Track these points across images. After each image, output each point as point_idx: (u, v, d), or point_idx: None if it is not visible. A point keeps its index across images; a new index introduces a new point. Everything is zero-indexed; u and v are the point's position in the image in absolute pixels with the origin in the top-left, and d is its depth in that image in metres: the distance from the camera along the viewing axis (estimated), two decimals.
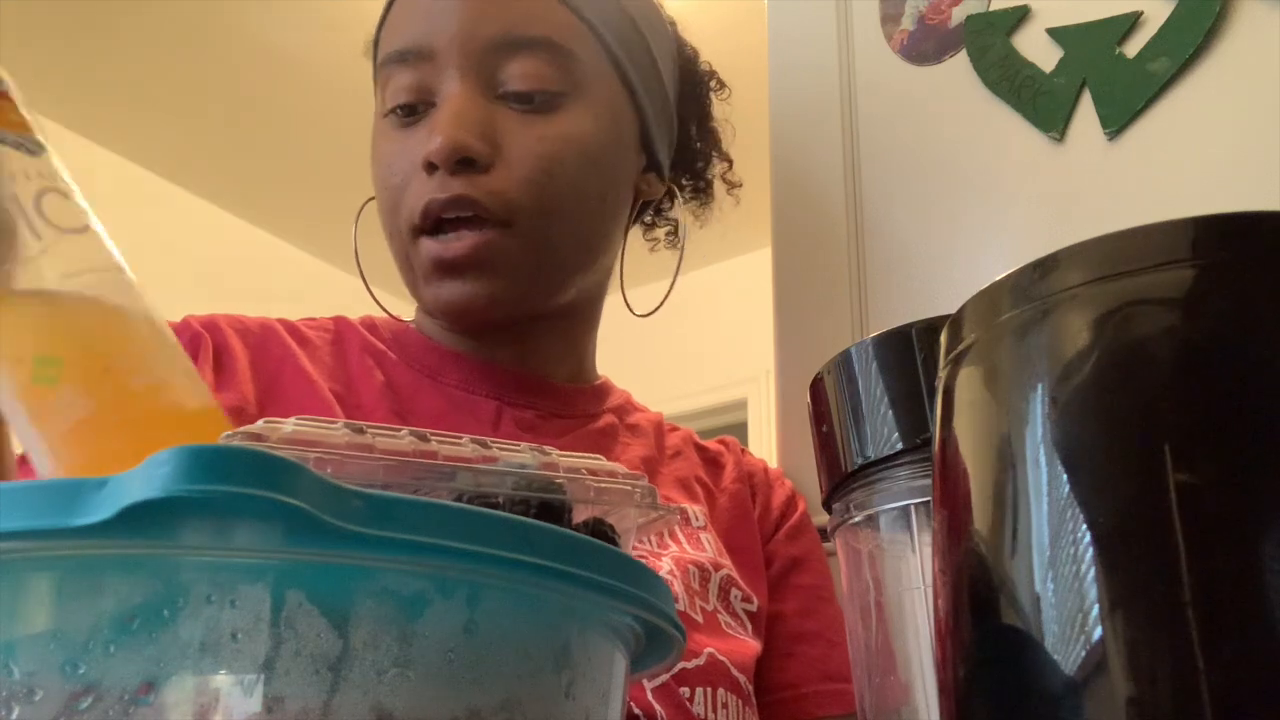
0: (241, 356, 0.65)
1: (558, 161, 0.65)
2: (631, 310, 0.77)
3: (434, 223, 0.64)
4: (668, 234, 0.85)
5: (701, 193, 0.84)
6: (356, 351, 0.70)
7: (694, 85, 0.81)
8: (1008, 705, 0.26)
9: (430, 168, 0.63)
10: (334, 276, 3.55)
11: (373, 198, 0.72)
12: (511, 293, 0.65)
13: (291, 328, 0.70)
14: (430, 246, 0.64)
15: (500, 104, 0.65)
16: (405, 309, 0.76)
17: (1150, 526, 0.24)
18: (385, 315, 0.75)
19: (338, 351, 0.69)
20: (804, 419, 0.45)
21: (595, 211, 0.69)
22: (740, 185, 0.86)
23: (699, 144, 0.83)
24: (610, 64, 0.69)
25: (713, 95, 0.83)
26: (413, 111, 0.66)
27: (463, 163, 0.63)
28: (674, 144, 0.79)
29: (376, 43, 0.71)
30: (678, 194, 0.80)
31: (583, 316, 0.75)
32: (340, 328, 0.72)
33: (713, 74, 0.83)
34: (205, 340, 0.64)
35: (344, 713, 0.22)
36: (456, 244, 0.63)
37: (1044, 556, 0.26)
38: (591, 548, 0.26)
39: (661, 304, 0.76)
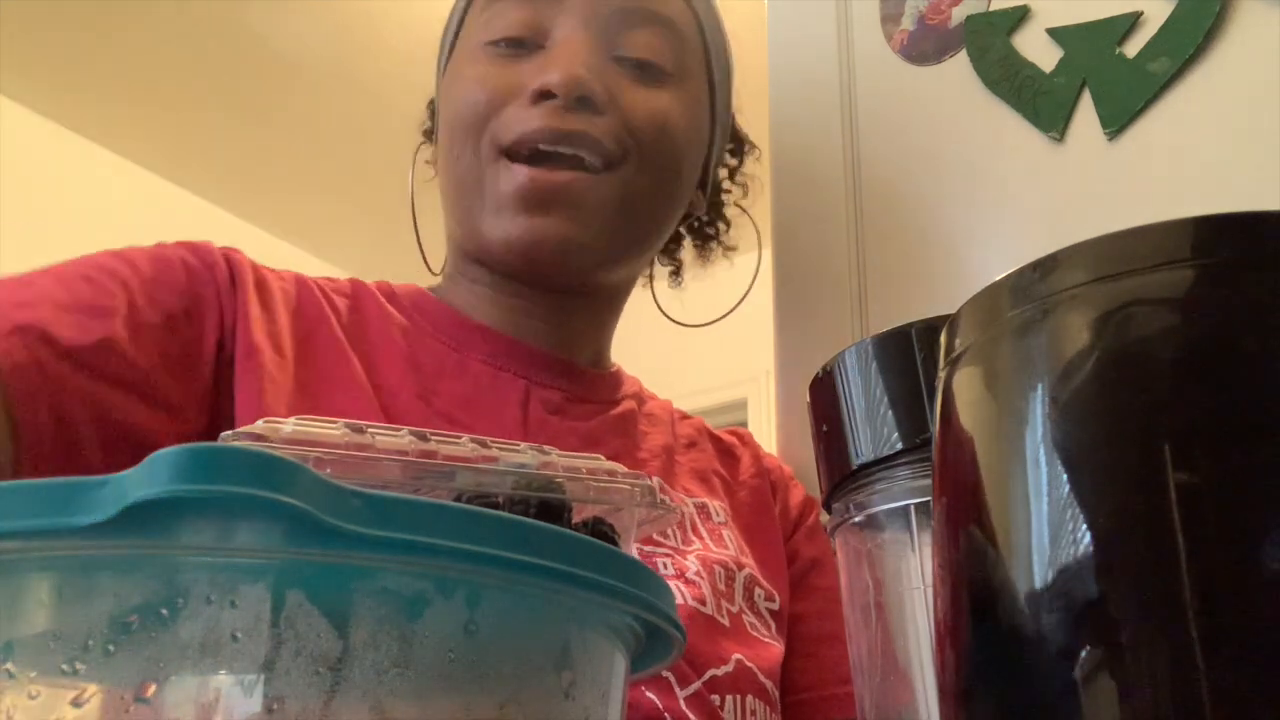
0: (281, 303, 0.63)
1: (664, 127, 0.67)
2: (665, 314, 0.80)
3: (529, 151, 0.63)
4: (671, 273, 0.87)
5: (706, 243, 0.86)
6: (376, 321, 0.68)
7: (733, 138, 0.84)
8: (1008, 706, 0.26)
9: (543, 96, 0.63)
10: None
11: (424, 142, 0.73)
12: (585, 240, 0.65)
13: (318, 284, 0.68)
14: (523, 171, 0.63)
15: (613, 65, 0.66)
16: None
17: (1150, 526, 0.24)
18: (403, 283, 0.74)
19: (357, 319, 0.67)
20: (804, 419, 0.45)
21: (674, 191, 0.70)
22: (735, 249, 0.87)
23: (716, 196, 0.84)
24: (705, 69, 0.72)
25: (744, 155, 0.86)
26: (520, 45, 0.66)
27: (581, 100, 0.63)
28: (714, 174, 0.80)
29: None
30: (720, 210, 0.83)
31: (614, 303, 0.75)
32: (357, 291, 0.70)
33: (745, 137, 0.86)
34: (246, 268, 0.63)
35: (344, 713, 0.22)
36: (556, 175, 0.63)
37: (1044, 556, 0.26)
38: (591, 548, 0.26)
39: (738, 304, 0.80)
